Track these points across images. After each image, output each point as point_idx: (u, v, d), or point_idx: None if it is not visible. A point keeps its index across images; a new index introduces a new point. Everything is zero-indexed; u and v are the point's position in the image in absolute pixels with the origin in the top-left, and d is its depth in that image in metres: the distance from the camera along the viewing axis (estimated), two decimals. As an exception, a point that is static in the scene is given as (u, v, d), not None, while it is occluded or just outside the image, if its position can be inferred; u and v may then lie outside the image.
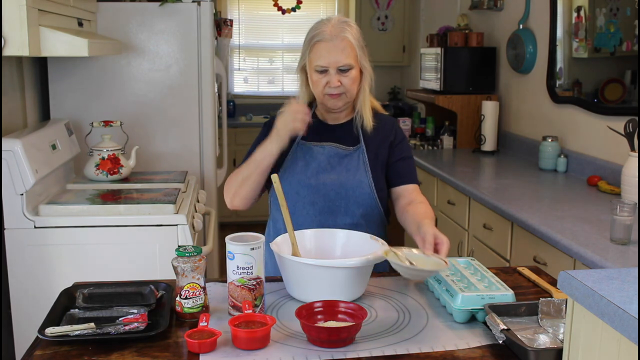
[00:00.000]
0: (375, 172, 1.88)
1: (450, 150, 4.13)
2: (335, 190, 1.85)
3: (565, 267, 2.15)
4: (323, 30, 1.77)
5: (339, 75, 1.78)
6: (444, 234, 1.59)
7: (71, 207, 2.39)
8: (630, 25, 2.79)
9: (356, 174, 1.86)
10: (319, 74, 1.79)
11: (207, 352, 1.33)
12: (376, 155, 1.90)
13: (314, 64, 1.79)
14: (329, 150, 1.87)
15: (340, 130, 1.91)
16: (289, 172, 1.87)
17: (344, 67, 1.77)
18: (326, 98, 1.82)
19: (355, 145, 1.89)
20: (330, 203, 1.84)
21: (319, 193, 1.84)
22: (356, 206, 1.85)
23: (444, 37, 4.37)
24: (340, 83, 1.78)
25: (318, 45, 1.78)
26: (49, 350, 1.34)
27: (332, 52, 1.76)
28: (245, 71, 6.31)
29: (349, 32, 1.78)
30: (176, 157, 3.28)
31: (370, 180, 1.86)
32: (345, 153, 1.88)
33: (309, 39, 1.81)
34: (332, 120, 1.92)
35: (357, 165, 1.87)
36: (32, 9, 2.15)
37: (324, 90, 1.80)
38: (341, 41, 1.76)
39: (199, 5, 3.19)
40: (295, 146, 1.88)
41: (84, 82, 3.16)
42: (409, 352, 1.34)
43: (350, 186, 1.85)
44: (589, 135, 3.13)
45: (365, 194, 1.85)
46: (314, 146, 1.88)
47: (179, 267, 1.49)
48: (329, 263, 1.55)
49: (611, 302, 0.98)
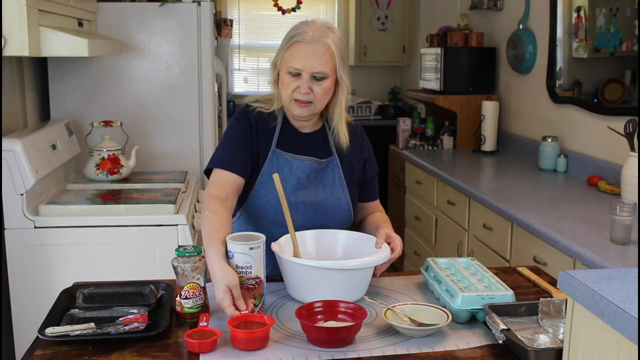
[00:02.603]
0: (351, 189, 1.83)
1: (450, 150, 4.13)
2: (314, 208, 1.78)
3: (565, 267, 2.15)
4: (305, 31, 1.67)
5: (311, 82, 1.67)
6: (444, 234, 1.60)
7: (71, 207, 2.39)
8: (630, 25, 2.79)
9: (333, 190, 1.80)
10: (291, 76, 1.68)
11: (207, 352, 1.33)
12: (351, 168, 1.84)
13: (288, 65, 1.68)
14: (308, 166, 1.77)
15: (313, 140, 1.81)
16: (266, 187, 1.76)
17: (318, 74, 1.66)
18: (292, 104, 1.71)
19: (327, 158, 1.81)
20: (308, 221, 1.77)
21: (297, 211, 1.75)
22: (334, 223, 1.80)
23: (444, 37, 4.37)
24: (311, 90, 1.67)
25: (296, 46, 1.67)
26: (49, 350, 1.34)
27: (310, 56, 1.65)
28: (245, 71, 6.31)
29: (332, 39, 1.67)
30: (176, 157, 3.28)
31: (348, 198, 1.82)
32: (320, 167, 1.79)
33: (289, 37, 1.70)
34: (303, 128, 1.82)
35: (333, 180, 1.80)
36: (32, 9, 2.15)
37: (292, 95, 1.69)
38: (321, 47, 1.65)
39: (199, 5, 3.19)
40: (271, 155, 1.77)
41: (84, 82, 3.16)
42: (409, 352, 1.34)
43: (329, 205, 1.78)
44: (588, 135, 3.13)
45: (343, 212, 1.81)
46: (292, 159, 1.77)
47: (179, 267, 1.49)
48: (330, 265, 1.55)
49: (611, 302, 0.98)
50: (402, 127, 4.48)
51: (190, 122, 3.27)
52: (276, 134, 1.78)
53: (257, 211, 1.78)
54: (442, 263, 1.72)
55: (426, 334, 1.41)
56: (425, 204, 3.72)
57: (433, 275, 1.66)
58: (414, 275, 1.83)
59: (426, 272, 1.71)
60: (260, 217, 1.78)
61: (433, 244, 3.56)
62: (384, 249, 1.64)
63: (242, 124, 1.77)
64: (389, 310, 1.48)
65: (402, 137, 4.47)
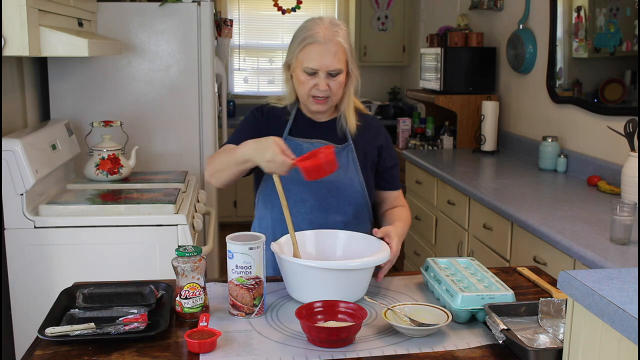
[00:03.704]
0: (365, 171, 1.89)
1: (450, 150, 4.13)
2: (327, 187, 1.84)
3: (565, 267, 2.15)
4: (317, 32, 1.77)
5: (327, 79, 1.78)
6: (444, 234, 1.60)
7: (71, 207, 2.39)
8: (630, 25, 2.79)
9: (347, 171, 1.86)
10: (307, 76, 1.79)
11: (207, 352, 1.33)
12: (365, 154, 1.91)
13: (304, 65, 1.78)
14: (318, 147, 1.85)
15: (327, 128, 1.91)
16: None
17: (333, 71, 1.77)
18: (310, 100, 1.82)
19: (342, 143, 1.89)
20: (321, 201, 1.84)
21: (310, 190, 1.83)
22: (347, 204, 1.86)
23: (444, 37, 4.37)
24: (328, 87, 1.78)
25: (310, 47, 1.77)
26: (49, 350, 1.34)
27: (324, 56, 1.75)
28: (245, 71, 6.31)
29: (341, 36, 1.78)
30: (176, 157, 3.28)
31: (361, 179, 1.88)
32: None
33: (301, 38, 1.79)
34: (318, 118, 1.92)
35: (347, 163, 1.87)
36: (32, 9, 2.15)
37: (310, 92, 1.80)
38: (334, 45, 1.76)
39: (199, 5, 3.19)
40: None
41: (84, 82, 3.16)
42: (409, 352, 1.34)
43: (341, 184, 1.85)
44: (588, 135, 3.13)
45: (356, 192, 1.87)
46: (303, 142, 1.87)
47: (179, 267, 1.49)
48: (330, 265, 1.55)
49: (611, 302, 0.98)
50: (402, 127, 4.48)
51: (190, 122, 3.27)
52: (289, 124, 1.90)
53: (271, 190, 1.81)
54: (442, 263, 1.72)
55: (426, 334, 1.41)
56: (425, 204, 3.72)
57: (433, 275, 1.66)
58: (414, 275, 1.83)
59: (426, 272, 1.71)
60: (275, 194, 1.78)
61: (433, 244, 3.56)
62: (383, 249, 1.64)
63: (255, 113, 1.93)
64: (389, 310, 1.48)
65: (402, 137, 4.48)
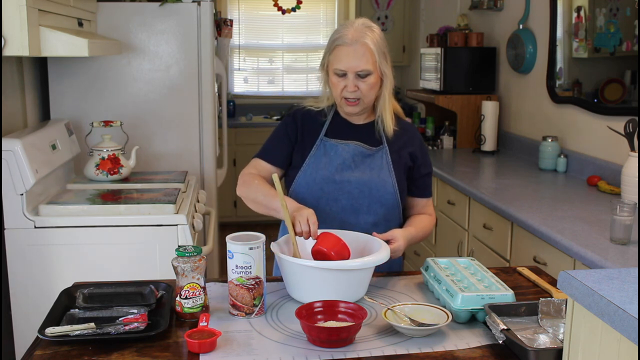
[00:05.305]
0: (398, 173, 1.91)
1: (450, 150, 4.13)
2: (359, 188, 1.86)
3: (565, 267, 2.15)
4: (345, 34, 1.80)
5: (357, 80, 1.81)
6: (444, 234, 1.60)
7: (71, 207, 2.39)
8: (630, 25, 2.79)
9: (380, 173, 1.88)
10: (338, 77, 1.83)
11: (207, 352, 1.33)
12: (399, 157, 1.92)
13: (334, 67, 1.82)
14: (353, 149, 1.89)
15: (363, 130, 1.93)
16: (312, 167, 1.89)
17: (362, 72, 1.80)
18: (343, 102, 1.86)
19: (378, 146, 1.91)
20: (353, 201, 1.86)
21: (342, 190, 1.86)
22: (379, 205, 1.87)
23: (444, 37, 4.37)
24: (358, 88, 1.81)
25: (338, 49, 1.81)
26: (49, 350, 1.34)
27: (351, 57, 1.79)
28: (245, 71, 6.31)
29: (370, 37, 1.80)
30: (176, 157, 3.28)
31: (394, 181, 1.89)
32: (369, 152, 1.90)
33: (331, 41, 1.84)
34: (354, 120, 1.94)
35: (381, 165, 1.89)
36: (32, 9, 2.15)
37: (342, 94, 1.84)
38: (361, 46, 1.78)
39: (199, 5, 3.19)
40: (318, 142, 1.91)
41: (84, 82, 3.16)
42: (409, 352, 1.34)
43: (374, 185, 1.87)
44: (588, 135, 3.13)
45: (388, 194, 1.88)
46: (338, 144, 1.90)
47: (179, 267, 1.49)
48: (330, 265, 1.55)
49: (611, 302, 0.98)
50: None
51: (190, 122, 3.27)
52: (325, 126, 1.93)
53: (304, 189, 1.88)
54: (442, 263, 1.72)
55: (426, 334, 1.41)
56: (425, 204, 3.72)
57: (433, 275, 1.66)
58: (414, 275, 1.83)
59: (426, 272, 1.71)
60: (307, 193, 1.88)
61: (433, 244, 3.56)
62: (383, 249, 1.64)
63: (287, 120, 1.97)
64: (389, 310, 1.48)
65: (402, 137, 4.47)
